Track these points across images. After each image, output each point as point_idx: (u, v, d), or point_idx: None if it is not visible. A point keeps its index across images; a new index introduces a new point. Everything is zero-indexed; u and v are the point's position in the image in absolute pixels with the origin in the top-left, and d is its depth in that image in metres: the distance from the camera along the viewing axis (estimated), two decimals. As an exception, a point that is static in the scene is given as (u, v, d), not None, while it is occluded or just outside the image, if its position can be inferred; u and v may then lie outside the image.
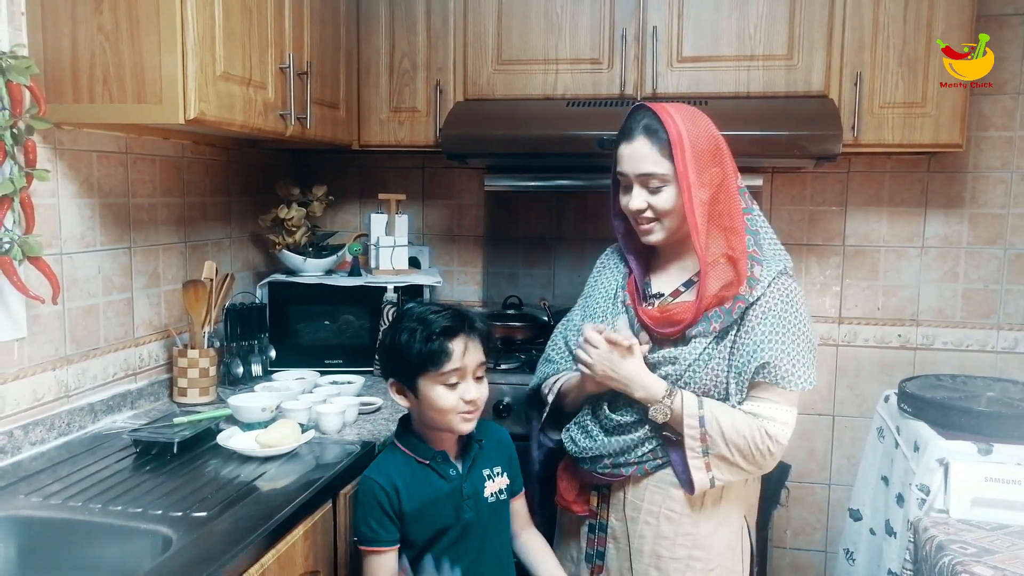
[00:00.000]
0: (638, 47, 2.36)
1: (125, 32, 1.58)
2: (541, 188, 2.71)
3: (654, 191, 1.49)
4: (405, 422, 1.57)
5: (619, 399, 1.54)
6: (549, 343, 1.78)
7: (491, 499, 1.53)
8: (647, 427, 1.52)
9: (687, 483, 1.50)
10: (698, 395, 1.49)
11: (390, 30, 2.49)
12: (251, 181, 2.60)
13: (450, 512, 1.48)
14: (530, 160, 2.53)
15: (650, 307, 1.57)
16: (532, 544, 1.64)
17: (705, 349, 1.49)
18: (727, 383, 1.49)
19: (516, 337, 2.56)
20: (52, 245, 1.71)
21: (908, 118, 2.27)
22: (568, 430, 1.63)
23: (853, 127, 2.27)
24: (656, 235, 1.53)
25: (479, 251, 2.90)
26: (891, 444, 2.19)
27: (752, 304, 1.47)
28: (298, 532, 1.43)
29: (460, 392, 1.44)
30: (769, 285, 1.48)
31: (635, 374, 1.48)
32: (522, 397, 2.23)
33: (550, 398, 1.66)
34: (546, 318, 2.58)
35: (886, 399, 2.31)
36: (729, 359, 1.49)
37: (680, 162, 1.45)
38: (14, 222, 1.54)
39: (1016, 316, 2.62)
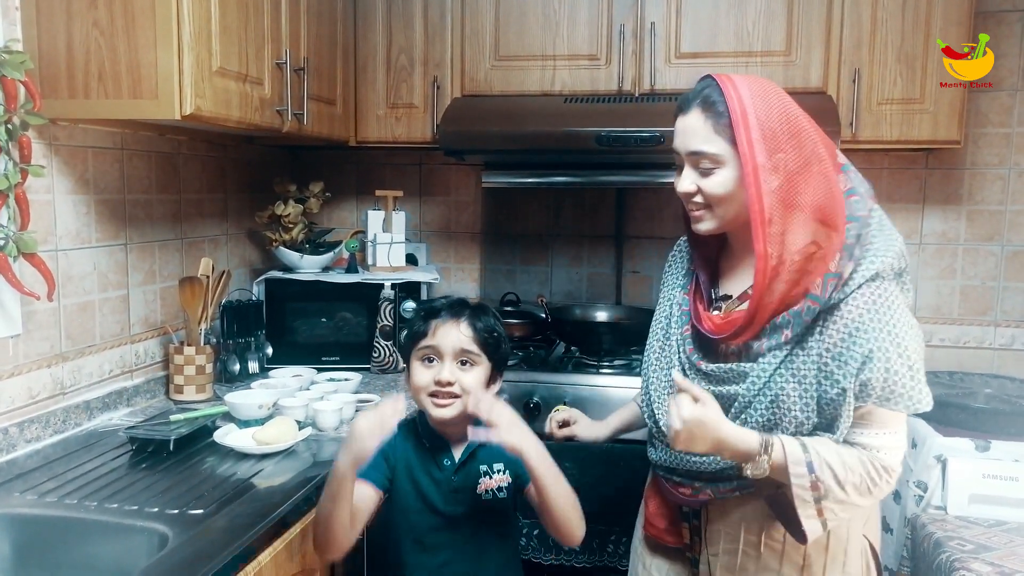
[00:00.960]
0: (636, 43, 2.36)
1: (120, 27, 1.57)
2: (539, 185, 2.70)
3: (705, 173, 1.29)
4: None
5: None
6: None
7: (485, 496, 1.48)
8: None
9: (798, 534, 1.26)
10: (782, 429, 1.27)
11: (387, 26, 2.48)
12: (247, 178, 2.59)
13: (436, 498, 1.46)
14: (528, 156, 2.53)
15: (716, 311, 1.37)
16: None
17: (782, 363, 1.26)
18: (807, 408, 1.26)
19: (513, 334, 2.55)
20: (47, 242, 1.70)
21: (906, 115, 2.27)
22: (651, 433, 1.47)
23: (851, 123, 2.26)
24: (706, 224, 1.33)
25: (476, 248, 2.90)
26: (889, 441, 2.19)
27: (832, 308, 1.24)
28: (295, 530, 1.42)
29: (435, 372, 1.43)
30: (859, 288, 1.23)
31: (721, 438, 1.23)
32: (520, 395, 2.23)
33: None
34: (543, 315, 2.58)
35: (884, 396, 2.31)
36: (818, 381, 1.25)
37: (744, 141, 1.23)
38: (9, 218, 1.54)
39: (1013, 313, 2.62)
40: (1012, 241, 2.60)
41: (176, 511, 1.37)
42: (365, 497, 1.41)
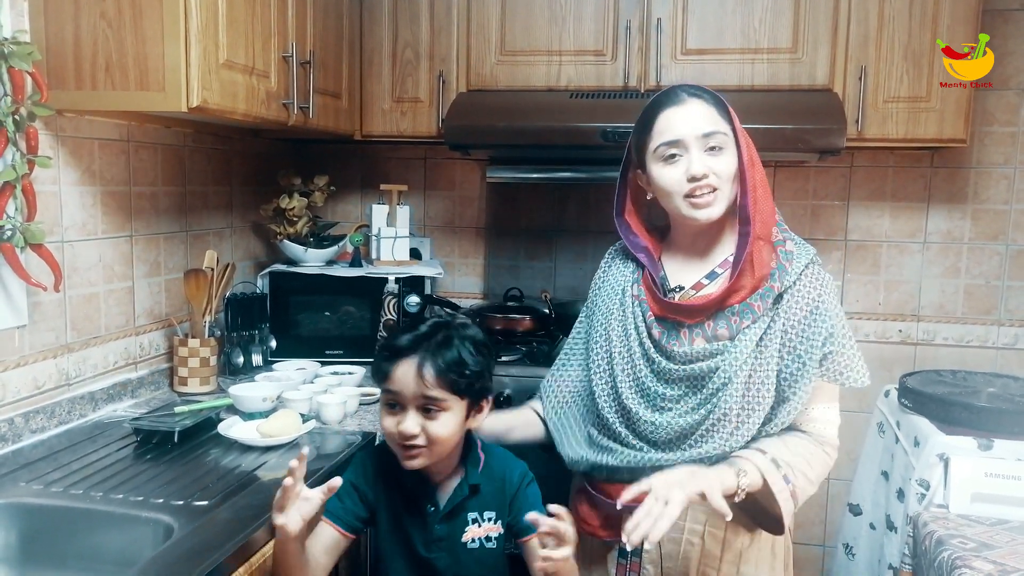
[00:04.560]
0: (642, 39, 2.35)
1: (128, 19, 1.57)
2: (543, 180, 2.70)
3: (715, 153, 1.36)
4: None
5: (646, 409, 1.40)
6: (555, 365, 1.63)
7: (471, 544, 1.36)
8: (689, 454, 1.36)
9: (774, 527, 1.40)
10: (753, 406, 1.35)
11: (393, 19, 2.48)
12: (253, 170, 2.59)
13: (418, 543, 1.36)
14: (533, 152, 2.52)
15: (671, 301, 1.43)
16: None
17: (763, 337, 1.35)
18: (773, 383, 1.36)
19: (517, 329, 2.56)
20: (53, 233, 1.70)
21: (912, 113, 2.27)
22: (588, 446, 1.46)
23: (857, 121, 2.26)
24: (716, 207, 1.37)
25: (480, 243, 2.90)
26: (891, 439, 2.19)
27: (782, 294, 1.36)
28: (299, 522, 1.43)
29: (398, 420, 1.29)
30: (802, 274, 1.38)
31: (703, 489, 1.25)
32: (523, 390, 2.23)
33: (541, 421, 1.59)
34: (547, 310, 2.58)
35: (886, 394, 2.31)
36: (780, 356, 1.35)
37: (737, 123, 1.37)
38: (16, 209, 1.54)
39: (1017, 312, 2.62)
40: (1017, 240, 2.60)
41: (181, 502, 1.37)
42: (329, 540, 1.33)
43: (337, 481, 1.23)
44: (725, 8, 2.31)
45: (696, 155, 1.36)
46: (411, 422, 1.28)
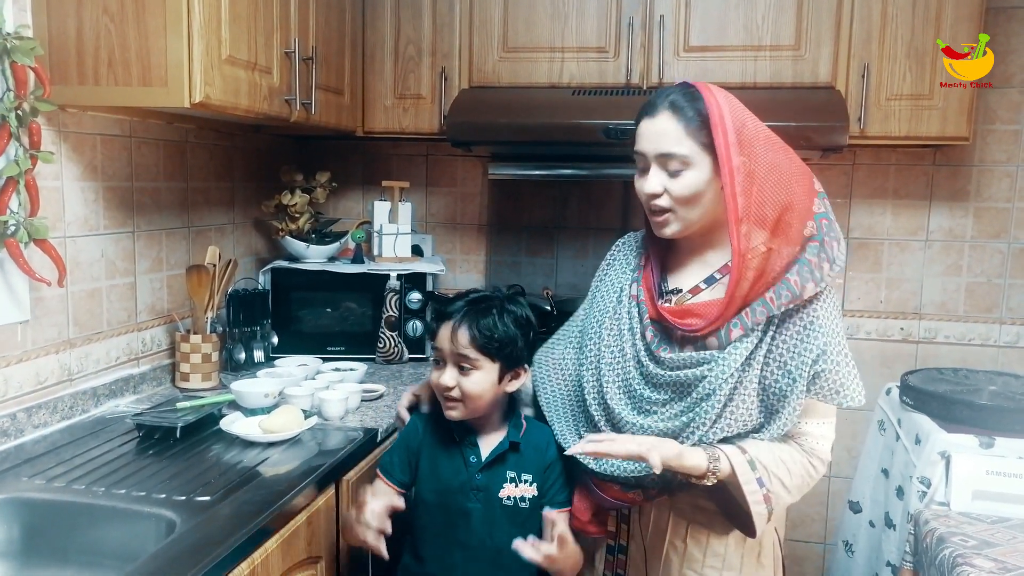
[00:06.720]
0: (645, 36, 2.35)
1: (131, 14, 1.57)
2: (545, 177, 2.70)
3: (673, 174, 1.33)
4: None
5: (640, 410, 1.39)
6: (551, 341, 1.63)
7: (506, 502, 1.46)
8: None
9: (746, 529, 1.36)
10: (736, 418, 1.32)
11: (395, 16, 2.48)
12: (255, 167, 2.59)
13: (455, 490, 1.47)
14: (535, 148, 2.52)
15: (667, 304, 1.41)
16: None
17: (752, 353, 1.31)
18: (757, 398, 1.33)
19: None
20: (56, 228, 1.70)
21: (915, 110, 2.26)
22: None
23: (859, 119, 2.26)
24: (671, 227, 1.37)
25: (482, 239, 2.90)
26: (892, 437, 2.19)
27: (801, 304, 1.32)
28: (301, 518, 1.43)
29: (440, 374, 1.46)
30: (814, 295, 1.32)
31: (669, 457, 1.27)
32: (524, 386, 2.23)
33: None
34: (548, 307, 2.58)
35: (888, 392, 2.31)
36: (771, 371, 1.32)
37: (723, 145, 1.29)
38: (19, 204, 1.54)
39: (1019, 310, 2.62)
40: (1019, 238, 2.60)
41: (183, 497, 1.38)
42: (386, 499, 1.43)
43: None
44: (728, 5, 2.31)
45: (654, 172, 1.35)
46: (448, 376, 1.44)
